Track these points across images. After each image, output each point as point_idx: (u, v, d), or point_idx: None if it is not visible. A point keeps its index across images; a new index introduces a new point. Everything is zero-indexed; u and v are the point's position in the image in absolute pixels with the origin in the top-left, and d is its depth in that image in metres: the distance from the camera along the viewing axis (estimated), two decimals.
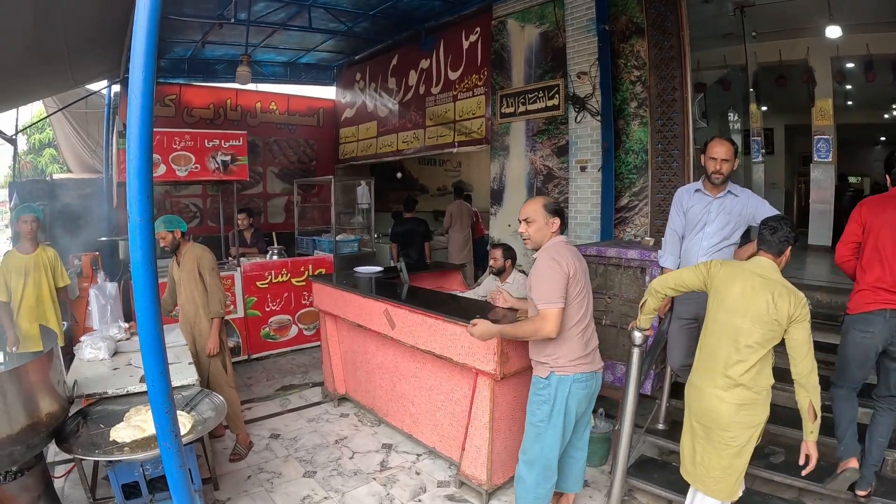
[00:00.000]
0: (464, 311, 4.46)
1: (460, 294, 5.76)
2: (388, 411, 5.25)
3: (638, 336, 3.51)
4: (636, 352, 3.56)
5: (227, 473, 4.56)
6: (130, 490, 3.48)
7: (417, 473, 4.52)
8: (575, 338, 3.22)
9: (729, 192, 3.81)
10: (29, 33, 5.39)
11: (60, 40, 5.96)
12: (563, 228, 3.32)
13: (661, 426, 4.44)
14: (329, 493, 4.24)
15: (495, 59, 7.50)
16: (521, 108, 7.20)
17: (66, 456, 4.51)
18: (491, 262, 5.47)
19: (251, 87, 9.93)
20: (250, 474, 4.56)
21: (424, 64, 8.73)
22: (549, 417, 3.29)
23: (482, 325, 3.36)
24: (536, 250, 3.32)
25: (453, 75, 8.14)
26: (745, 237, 3.96)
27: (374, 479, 4.45)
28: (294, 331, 7.48)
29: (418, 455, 4.79)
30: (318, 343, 6.41)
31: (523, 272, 5.63)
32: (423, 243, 8.68)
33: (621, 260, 4.64)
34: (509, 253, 5.41)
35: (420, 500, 4.16)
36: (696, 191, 3.91)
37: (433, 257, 9.15)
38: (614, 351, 4.71)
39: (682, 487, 3.53)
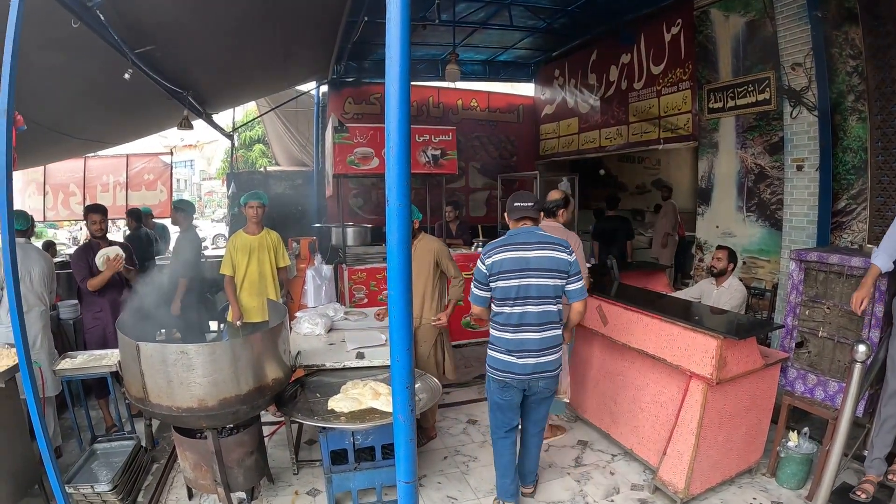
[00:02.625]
0: (681, 311, 4.76)
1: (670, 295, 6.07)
2: (586, 408, 5.64)
3: (862, 350, 3.39)
4: (857, 368, 3.43)
5: (423, 452, 5.17)
6: (337, 456, 4.20)
7: (612, 473, 4.83)
8: None
9: None
10: (256, 44, 6.47)
11: (279, 47, 7.05)
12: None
13: (866, 453, 4.35)
14: (526, 497, 4.56)
15: (700, 52, 7.64)
16: (730, 103, 7.30)
17: (271, 419, 5.59)
18: (713, 262, 5.80)
19: (450, 84, 10.81)
20: (447, 455, 5.18)
21: (625, 58, 9.08)
22: None
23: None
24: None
25: (656, 69, 8.40)
26: None
27: (569, 473, 4.83)
28: None
29: (613, 455, 5.13)
30: None
31: (740, 280, 5.90)
32: (625, 242, 9.18)
33: (843, 268, 4.53)
34: (733, 257, 5.71)
35: (612, 501, 4.46)
36: None
37: (633, 257, 9.52)
38: (829, 366, 4.62)
39: None
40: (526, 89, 12.88)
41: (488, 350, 4.10)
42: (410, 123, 2.05)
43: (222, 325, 6.59)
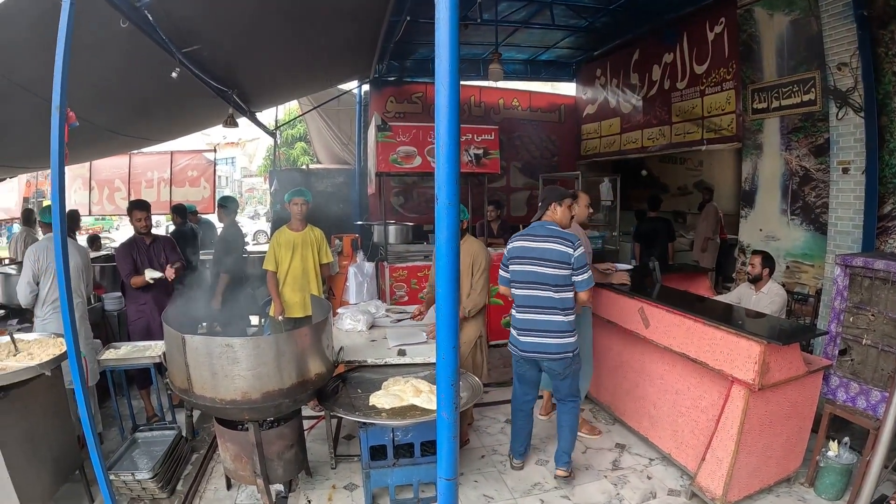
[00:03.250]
0: (724, 315, 4.73)
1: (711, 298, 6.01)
2: (625, 411, 5.66)
3: None
4: None
5: (460, 451, 5.20)
6: (375, 452, 4.27)
7: (649, 478, 4.82)
8: None
9: None
10: (300, 44, 6.62)
11: (323, 47, 7.19)
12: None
13: None
14: (560, 483, 4.70)
15: (744, 51, 7.57)
16: (775, 104, 7.23)
17: (310, 413, 5.71)
18: (748, 269, 5.77)
19: (492, 84, 10.90)
20: (484, 454, 5.25)
21: (668, 58, 9.05)
22: None
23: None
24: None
25: (699, 69, 8.36)
26: None
27: (605, 476, 4.85)
28: None
29: (651, 459, 5.13)
30: None
31: (783, 286, 5.86)
32: (666, 243, 9.15)
33: (889, 274, 4.46)
34: (768, 262, 5.63)
35: None
36: None
37: (675, 259, 9.52)
38: (872, 375, 4.55)
39: None
40: (567, 89, 12.91)
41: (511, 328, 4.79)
42: (459, 124, 2.07)
43: (263, 320, 6.71)
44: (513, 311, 4.72)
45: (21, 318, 5.88)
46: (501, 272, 4.74)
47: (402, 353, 4.86)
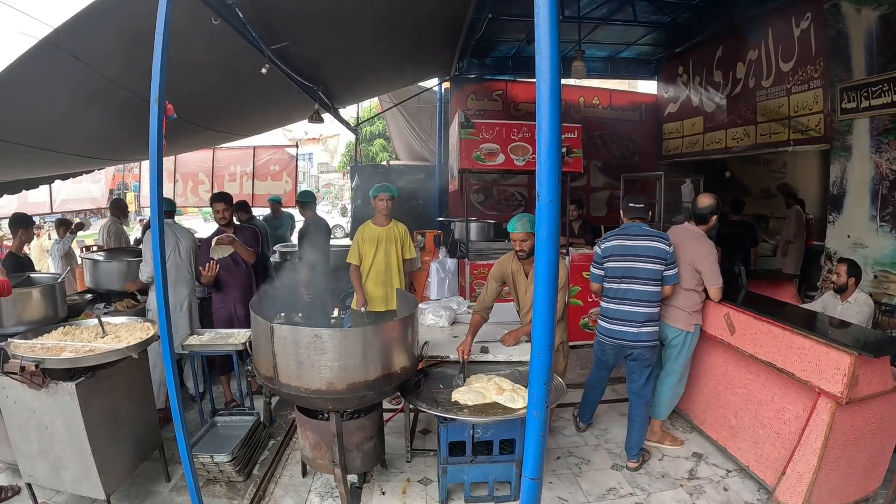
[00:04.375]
0: (813, 324, 4.66)
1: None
2: (704, 419, 5.61)
3: None
4: None
5: None
6: (452, 448, 4.34)
7: (725, 490, 4.75)
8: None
9: None
10: (385, 41, 6.84)
11: (407, 44, 7.37)
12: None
13: None
14: (635, 489, 4.72)
15: (831, 48, 7.33)
16: (864, 104, 6.97)
17: (387, 405, 5.79)
18: (833, 278, 5.69)
19: (572, 81, 10.90)
20: (559, 455, 5.29)
21: (752, 55, 8.91)
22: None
23: None
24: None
25: (785, 66, 8.20)
26: None
27: (681, 485, 4.81)
28: None
29: (728, 471, 5.05)
30: None
31: (870, 295, 5.76)
32: (749, 249, 8.94)
33: None
34: (854, 271, 5.53)
35: None
36: None
37: (757, 265, 9.32)
38: None
39: None
40: (648, 87, 12.85)
41: (598, 318, 5.24)
42: (560, 121, 2.14)
43: (343, 312, 6.88)
44: (602, 303, 5.17)
45: (107, 301, 6.32)
46: (594, 270, 5.20)
47: (484, 350, 4.88)
